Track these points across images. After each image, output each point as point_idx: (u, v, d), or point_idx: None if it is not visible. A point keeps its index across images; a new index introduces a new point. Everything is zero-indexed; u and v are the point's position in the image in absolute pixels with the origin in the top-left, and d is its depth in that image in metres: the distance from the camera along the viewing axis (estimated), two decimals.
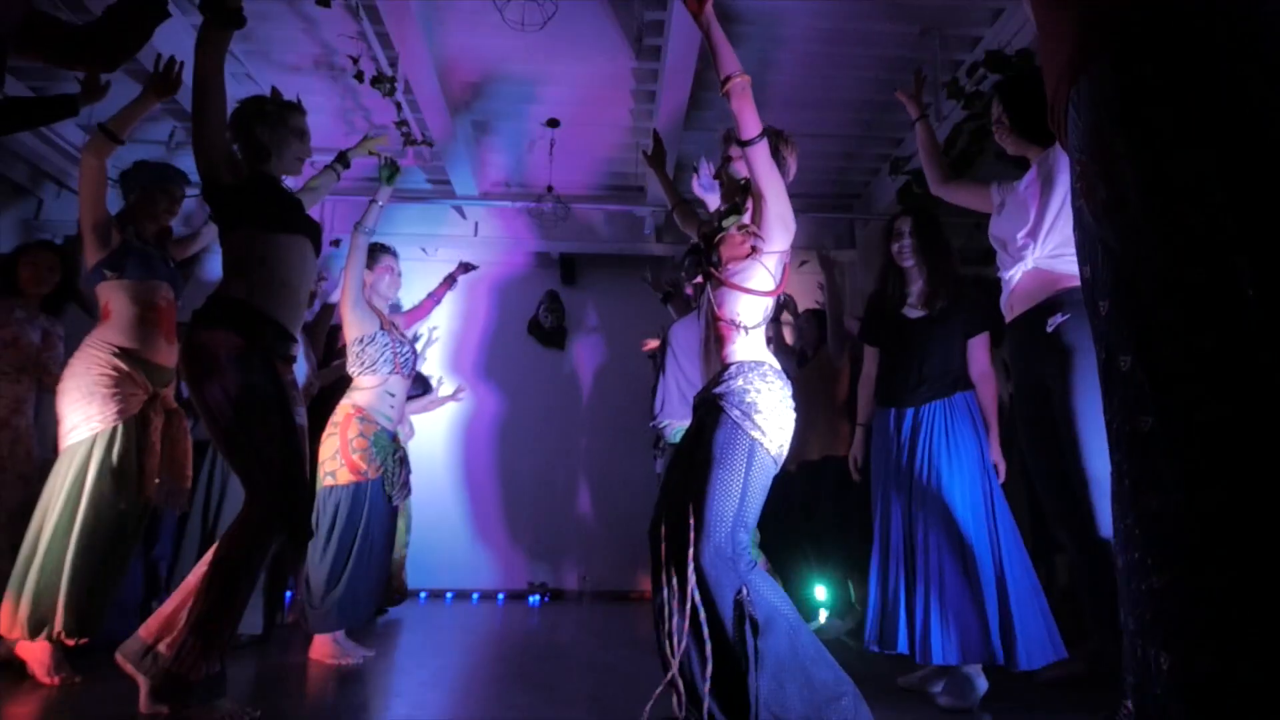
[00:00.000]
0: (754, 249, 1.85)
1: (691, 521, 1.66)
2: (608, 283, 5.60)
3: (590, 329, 5.56)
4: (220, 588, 1.83)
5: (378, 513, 2.91)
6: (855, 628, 3.28)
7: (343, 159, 2.84)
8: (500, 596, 4.91)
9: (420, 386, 4.26)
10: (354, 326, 2.96)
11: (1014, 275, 2.18)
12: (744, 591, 1.63)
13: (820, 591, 3.54)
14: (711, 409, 1.77)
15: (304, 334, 3.03)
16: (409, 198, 5.08)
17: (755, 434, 1.69)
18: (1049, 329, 2.04)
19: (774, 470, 1.74)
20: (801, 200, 5.13)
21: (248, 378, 1.89)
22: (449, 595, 4.87)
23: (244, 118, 2.12)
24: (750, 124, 1.79)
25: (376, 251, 3.15)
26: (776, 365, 1.84)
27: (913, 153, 4.28)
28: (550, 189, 4.40)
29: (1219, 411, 0.67)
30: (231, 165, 2.04)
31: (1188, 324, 0.70)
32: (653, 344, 4.25)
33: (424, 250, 5.39)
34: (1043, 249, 2.12)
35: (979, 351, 2.51)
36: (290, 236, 2.05)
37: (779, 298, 1.97)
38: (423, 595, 4.76)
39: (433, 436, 5.06)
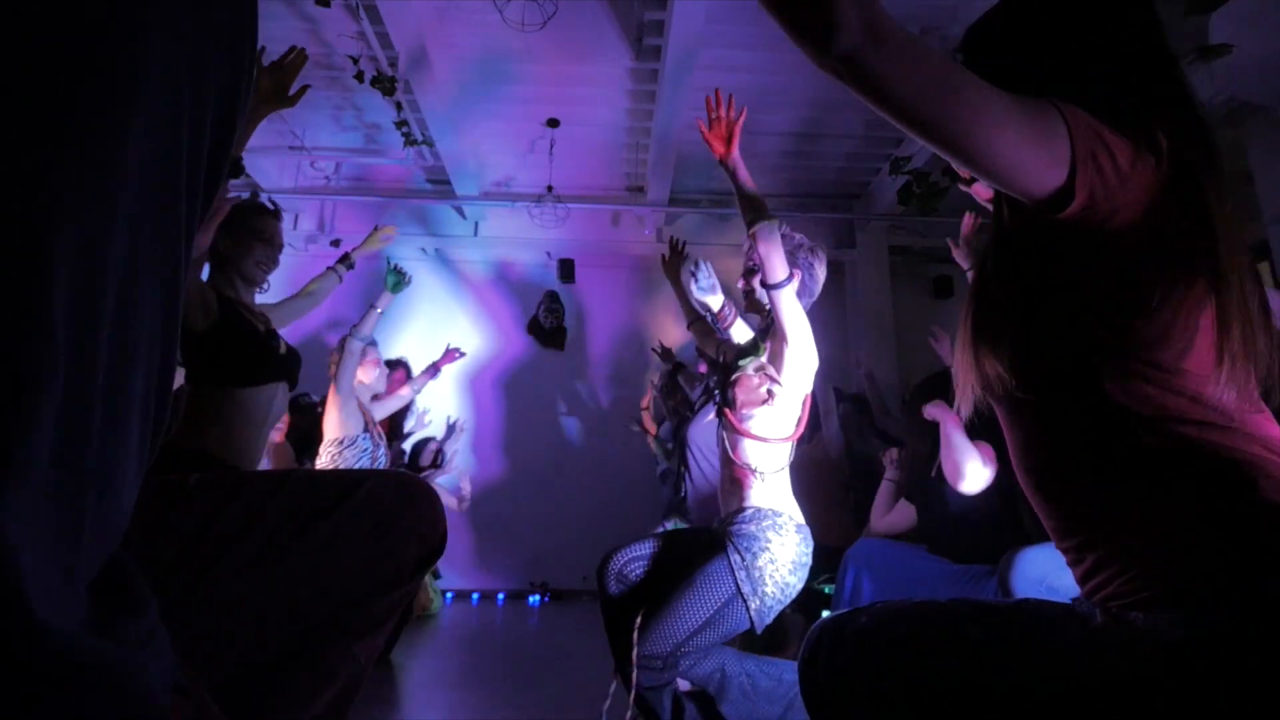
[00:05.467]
0: (770, 393, 1.73)
1: (638, 621, 1.63)
2: (608, 283, 5.60)
3: (590, 329, 5.56)
4: None
5: None
6: None
7: (346, 260, 2.62)
8: (500, 596, 4.91)
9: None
10: (337, 426, 2.89)
11: None
12: (686, 686, 1.64)
13: None
14: (718, 541, 1.71)
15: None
16: (409, 198, 5.08)
17: (744, 587, 1.62)
18: None
19: (747, 625, 1.63)
20: (802, 200, 5.14)
21: None
22: (449, 595, 4.87)
23: None
24: (777, 267, 1.68)
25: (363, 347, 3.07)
26: (799, 517, 1.74)
27: (913, 153, 4.28)
28: (550, 189, 4.40)
29: None
30: (204, 307, 1.84)
31: None
32: (649, 426, 4.22)
33: (424, 250, 5.40)
34: None
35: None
36: (258, 388, 1.93)
37: (798, 440, 1.83)
38: None
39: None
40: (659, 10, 3.26)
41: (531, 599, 4.86)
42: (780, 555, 1.65)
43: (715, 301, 2.19)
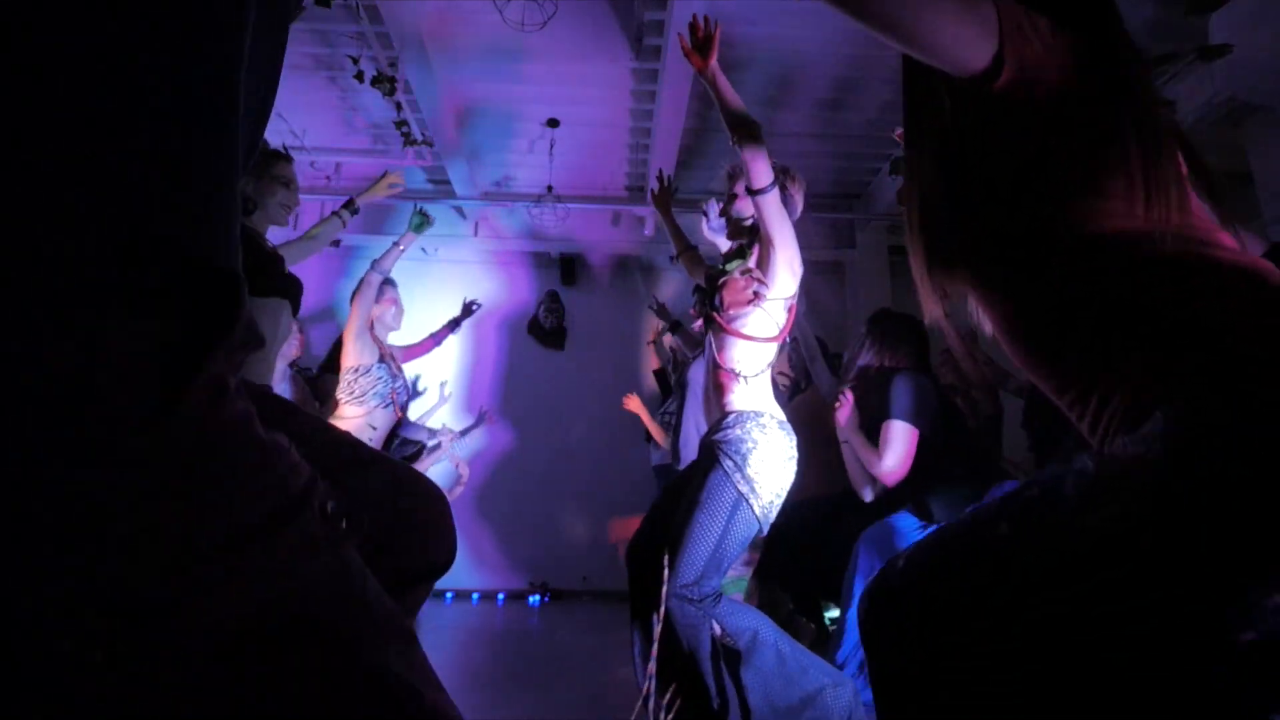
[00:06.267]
0: (756, 294, 1.79)
1: (665, 559, 1.67)
2: (608, 283, 5.60)
3: (590, 329, 5.56)
4: None
5: None
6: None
7: (350, 205, 2.71)
8: (500, 596, 4.91)
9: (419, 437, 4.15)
10: (352, 355, 2.97)
11: None
12: (719, 630, 1.66)
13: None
14: (708, 454, 1.76)
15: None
16: (409, 197, 5.08)
17: (743, 488, 1.67)
18: None
19: (758, 526, 1.71)
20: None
21: None
22: (449, 595, 4.87)
23: None
24: (762, 173, 1.72)
25: (383, 284, 3.17)
26: (780, 415, 1.79)
27: None
28: (550, 189, 4.40)
29: None
30: None
31: None
32: (633, 404, 4.25)
33: (424, 250, 5.40)
34: None
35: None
36: (262, 301, 1.95)
37: (783, 342, 1.90)
38: None
39: None
40: (659, 10, 3.26)
41: (531, 599, 4.86)
42: (769, 452, 1.71)
43: (722, 243, 2.24)
